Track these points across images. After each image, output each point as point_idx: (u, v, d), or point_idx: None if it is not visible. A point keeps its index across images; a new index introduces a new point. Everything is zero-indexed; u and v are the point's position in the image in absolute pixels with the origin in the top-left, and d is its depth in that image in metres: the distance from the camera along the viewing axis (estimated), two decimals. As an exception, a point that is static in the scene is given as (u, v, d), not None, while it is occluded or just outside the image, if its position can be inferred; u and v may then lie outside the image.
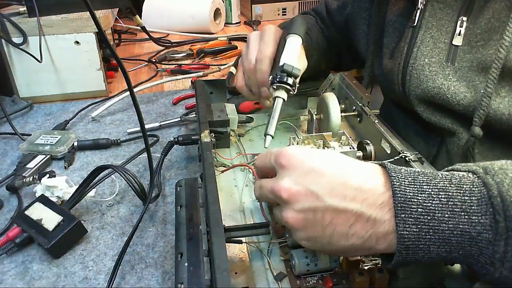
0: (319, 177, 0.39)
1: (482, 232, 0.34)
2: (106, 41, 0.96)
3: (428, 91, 0.63)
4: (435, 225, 0.35)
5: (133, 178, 0.55)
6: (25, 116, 0.87)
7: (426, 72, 0.63)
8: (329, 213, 0.38)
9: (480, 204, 0.34)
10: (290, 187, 0.39)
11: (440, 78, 0.62)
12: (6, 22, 0.83)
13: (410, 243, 0.35)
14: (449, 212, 0.35)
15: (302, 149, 0.42)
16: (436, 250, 0.35)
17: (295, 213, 0.39)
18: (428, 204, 0.35)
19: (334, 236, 0.38)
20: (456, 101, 0.60)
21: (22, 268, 0.50)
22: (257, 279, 0.46)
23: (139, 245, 0.53)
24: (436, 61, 0.62)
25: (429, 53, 0.63)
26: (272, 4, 1.52)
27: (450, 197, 0.35)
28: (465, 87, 0.59)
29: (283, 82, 0.57)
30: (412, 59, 0.64)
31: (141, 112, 0.50)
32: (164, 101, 0.92)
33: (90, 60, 0.90)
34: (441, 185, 0.36)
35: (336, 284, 0.44)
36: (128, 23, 1.32)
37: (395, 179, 0.37)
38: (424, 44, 0.64)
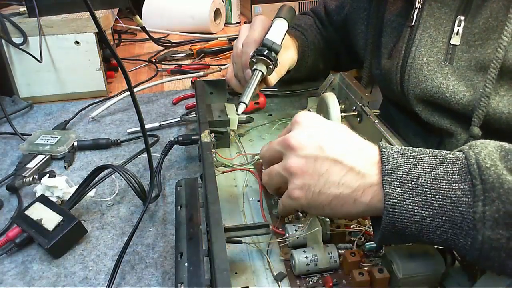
0: (324, 134, 0.45)
1: (462, 197, 0.36)
2: (106, 41, 0.96)
3: (427, 90, 0.62)
4: (418, 188, 0.38)
5: (133, 178, 0.55)
6: (25, 116, 0.87)
7: (424, 72, 0.63)
8: (327, 162, 0.42)
9: (460, 173, 0.37)
10: (299, 135, 0.45)
11: (439, 77, 0.61)
12: (6, 22, 0.83)
13: (396, 201, 0.38)
14: (432, 180, 0.38)
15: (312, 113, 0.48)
16: (420, 212, 0.37)
17: (298, 159, 0.43)
18: (413, 172, 0.39)
19: (327, 183, 0.42)
20: (455, 100, 0.60)
21: (22, 268, 0.50)
22: (257, 279, 0.46)
23: (139, 245, 0.53)
24: (435, 61, 0.62)
25: (427, 52, 0.63)
26: (272, 4, 1.52)
27: (433, 168, 0.38)
28: (464, 86, 0.59)
29: (262, 55, 0.59)
30: (410, 58, 0.64)
31: (141, 112, 0.50)
32: (164, 101, 0.92)
33: (90, 60, 0.90)
34: (426, 159, 0.39)
35: (336, 284, 0.44)
36: (128, 23, 1.31)
37: (385, 152, 0.41)
38: (422, 43, 0.63)
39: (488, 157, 0.36)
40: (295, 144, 0.44)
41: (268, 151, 0.49)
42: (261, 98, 0.83)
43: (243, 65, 0.63)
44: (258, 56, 0.59)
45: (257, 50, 0.60)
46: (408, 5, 0.67)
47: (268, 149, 0.49)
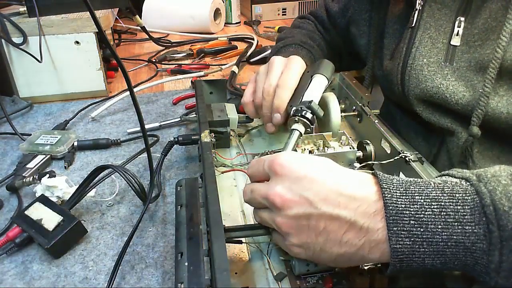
0: (312, 184, 0.39)
1: (476, 242, 0.33)
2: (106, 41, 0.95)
3: (427, 90, 0.63)
4: (429, 237, 0.34)
5: (133, 178, 0.55)
6: (25, 116, 0.87)
7: (424, 72, 0.63)
8: (322, 220, 0.38)
9: (473, 214, 0.34)
10: (284, 193, 0.39)
11: (438, 77, 0.62)
12: (6, 22, 0.83)
13: (404, 256, 0.35)
14: (442, 223, 0.34)
15: (295, 156, 0.43)
16: (431, 262, 0.35)
17: (288, 219, 0.39)
18: (421, 216, 0.35)
19: (328, 243, 0.38)
20: (455, 100, 0.60)
21: (22, 268, 0.50)
22: (257, 279, 0.46)
23: (139, 245, 0.53)
24: (435, 61, 0.63)
25: (427, 53, 0.63)
26: (272, 4, 1.52)
27: (443, 207, 0.35)
28: (464, 87, 0.59)
29: (305, 117, 0.59)
30: (411, 59, 0.64)
31: (141, 112, 0.50)
32: (164, 101, 0.92)
33: (90, 60, 0.90)
34: (433, 195, 0.35)
35: (336, 284, 0.44)
36: (128, 23, 1.32)
37: (387, 190, 0.36)
38: (422, 44, 0.64)
39: (505, 197, 0.33)
40: (280, 203, 0.39)
41: (253, 201, 0.44)
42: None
43: (274, 108, 0.63)
44: (300, 117, 0.59)
45: (300, 110, 0.59)
46: (408, 7, 0.68)
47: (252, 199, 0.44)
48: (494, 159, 0.61)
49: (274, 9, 1.53)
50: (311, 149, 0.61)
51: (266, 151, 0.67)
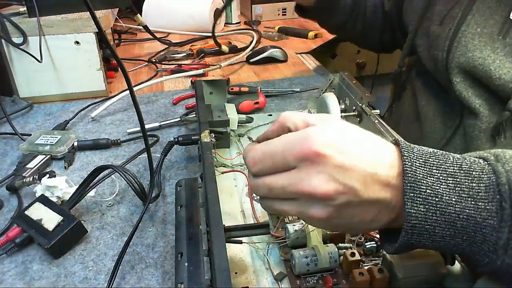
0: (353, 171, 0.35)
1: (487, 218, 0.33)
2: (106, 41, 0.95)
3: (472, 60, 0.61)
4: (442, 207, 0.34)
5: (133, 178, 0.55)
6: (25, 116, 0.87)
7: (475, 42, 0.62)
8: (362, 206, 0.36)
9: (488, 191, 0.34)
10: (327, 185, 0.34)
11: (488, 50, 0.60)
12: (6, 22, 0.83)
13: (417, 222, 0.34)
14: (456, 197, 0.34)
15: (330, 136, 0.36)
16: (441, 232, 0.35)
17: (327, 208, 0.35)
18: (437, 187, 0.35)
19: (361, 223, 0.37)
20: (498, 75, 0.59)
21: (22, 268, 0.50)
22: (257, 279, 0.46)
23: (139, 245, 0.53)
24: (488, 33, 0.61)
25: (482, 22, 0.62)
26: (272, 4, 1.52)
27: (458, 182, 0.35)
28: (511, 63, 0.58)
29: None
30: (464, 26, 0.63)
31: (141, 112, 0.50)
32: (164, 101, 0.92)
33: (90, 60, 0.90)
34: (450, 171, 0.35)
35: (336, 284, 0.44)
36: (128, 23, 1.31)
37: (407, 159, 0.35)
38: (480, 13, 0.62)
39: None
40: (321, 195, 0.35)
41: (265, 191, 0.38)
42: (261, 98, 0.83)
43: None
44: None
45: None
46: None
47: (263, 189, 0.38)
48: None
49: (274, 9, 1.53)
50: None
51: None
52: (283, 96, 0.91)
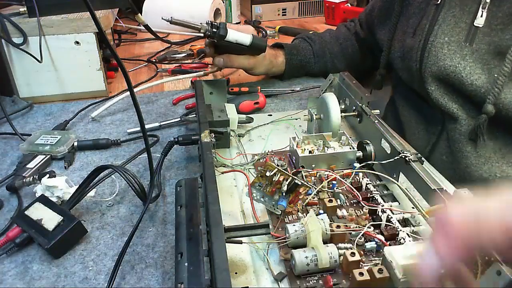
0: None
1: None
2: (106, 41, 0.96)
3: (444, 69, 0.63)
4: None
5: (133, 178, 0.55)
6: (25, 116, 0.87)
7: (444, 50, 0.64)
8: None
9: None
10: None
11: (457, 57, 0.62)
12: (6, 22, 0.83)
13: None
14: None
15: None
16: None
17: None
18: None
19: None
20: (470, 81, 0.61)
21: (22, 268, 0.50)
22: (257, 279, 0.46)
23: (139, 245, 0.53)
24: (456, 40, 0.63)
25: (449, 31, 0.64)
26: (272, 4, 1.52)
27: None
28: (481, 69, 0.60)
29: None
30: (432, 36, 0.65)
31: (141, 112, 0.50)
32: (164, 101, 0.92)
33: (90, 60, 0.90)
34: None
35: (336, 284, 0.44)
36: (128, 23, 1.31)
37: None
38: (446, 22, 0.64)
39: None
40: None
41: None
42: (261, 98, 0.83)
43: None
44: None
45: None
46: None
47: None
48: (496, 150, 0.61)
49: (274, 9, 1.53)
50: (311, 149, 0.61)
51: (266, 151, 0.67)
52: (283, 96, 0.91)
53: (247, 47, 0.82)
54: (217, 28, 0.78)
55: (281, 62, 0.95)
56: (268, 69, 0.93)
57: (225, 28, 0.78)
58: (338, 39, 0.99)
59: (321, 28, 1.38)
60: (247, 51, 0.83)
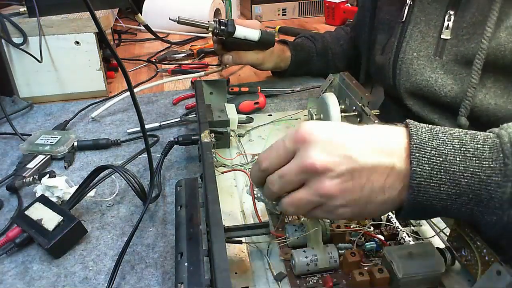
0: (345, 142, 0.39)
1: (491, 176, 0.35)
2: (106, 41, 0.96)
3: (416, 84, 0.65)
4: (446, 166, 0.36)
5: (133, 178, 0.55)
6: (25, 116, 0.87)
7: (414, 66, 0.65)
8: (365, 171, 0.38)
9: (492, 151, 0.36)
10: (322, 157, 0.38)
11: (427, 71, 0.64)
12: (6, 22, 0.83)
13: (422, 180, 0.36)
14: (461, 156, 0.36)
15: (317, 122, 0.41)
16: (446, 190, 0.36)
17: (332, 181, 0.38)
18: (442, 148, 0.37)
19: (373, 192, 0.38)
20: (444, 93, 0.62)
21: (22, 268, 0.50)
22: (257, 279, 0.46)
23: (139, 245, 0.53)
24: (425, 55, 0.65)
25: (417, 47, 0.65)
26: (272, 4, 1.52)
27: (463, 144, 0.37)
28: (452, 80, 0.61)
29: None
30: (401, 53, 0.67)
31: (141, 112, 0.50)
32: (164, 101, 0.92)
33: (90, 60, 0.90)
34: (456, 135, 0.38)
35: (336, 284, 0.44)
36: (128, 23, 1.31)
37: (413, 126, 0.39)
38: (413, 38, 0.66)
39: None
40: (322, 166, 0.37)
41: (283, 180, 0.41)
42: (261, 98, 0.83)
43: None
44: None
45: None
46: (400, 2, 0.70)
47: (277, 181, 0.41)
48: None
49: (274, 9, 1.53)
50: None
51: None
52: (283, 96, 0.91)
53: (255, 43, 0.81)
54: (225, 25, 0.77)
55: (288, 57, 0.94)
56: (276, 63, 0.92)
57: (233, 25, 0.77)
58: (339, 40, 0.99)
59: (321, 28, 1.38)
60: (255, 46, 0.82)
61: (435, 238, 0.49)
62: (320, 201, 0.39)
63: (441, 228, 0.48)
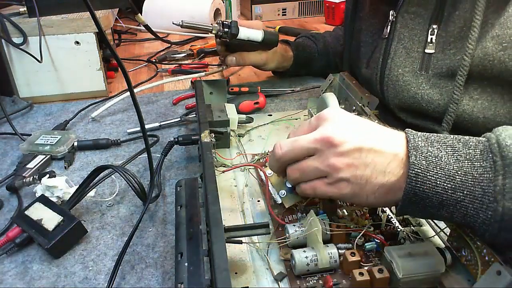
0: (359, 126, 0.44)
1: (483, 173, 0.38)
2: (106, 41, 0.96)
3: (404, 100, 0.65)
4: (441, 165, 0.39)
5: (133, 178, 0.55)
6: (25, 116, 0.87)
7: (400, 83, 0.65)
8: (371, 152, 0.42)
9: (482, 154, 0.39)
10: (339, 131, 0.43)
11: (413, 87, 0.64)
12: (6, 22, 0.83)
13: (420, 171, 0.39)
14: (454, 159, 0.39)
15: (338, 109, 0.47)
16: (442, 184, 0.39)
17: (342, 154, 0.42)
18: (437, 152, 0.40)
19: (374, 173, 0.42)
20: (431, 108, 0.62)
21: (22, 268, 0.50)
22: (257, 279, 0.46)
23: (139, 245, 0.53)
24: (410, 71, 0.65)
25: (402, 63, 0.65)
26: (272, 4, 1.52)
27: (456, 150, 0.40)
28: (439, 94, 0.61)
29: None
30: (387, 70, 0.67)
31: (141, 112, 0.50)
32: (164, 101, 0.92)
33: (90, 60, 0.90)
34: (449, 143, 0.41)
35: (336, 284, 0.44)
36: (128, 23, 1.32)
37: (410, 135, 0.42)
38: (397, 55, 0.66)
39: (508, 137, 0.38)
40: (338, 139, 0.42)
41: (296, 149, 0.46)
42: (261, 98, 0.83)
43: None
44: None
45: None
46: (383, 18, 0.70)
47: (295, 148, 0.46)
48: None
49: (274, 9, 1.53)
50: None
51: (266, 151, 0.67)
52: (283, 96, 0.91)
53: (259, 43, 0.81)
54: (228, 27, 0.77)
55: (290, 56, 0.94)
56: (280, 63, 0.92)
57: (237, 26, 0.77)
58: (339, 40, 0.99)
59: (321, 28, 1.38)
60: (259, 47, 0.82)
61: (435, 238, 0.49)
62: (325, 171, 0.44)
63: (441, 228, 0.48)
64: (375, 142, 0.42)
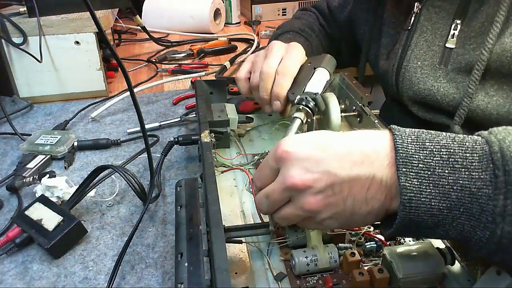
0: (322, 156, 0.39)
1: (482, 188, 0.34)
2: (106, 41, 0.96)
3: (419, 92, 0.64)
4: (435, 179, 0.35)
5: (133, 178, 0.55)
6: (25, 116, 0.87)
7: (418, 75, 0.64)
8: (345, 184, 0.38)
9: (481, 161, 0.34)
10: (301, 174, 0.39)
11: (430, 80, 0.63)
12: (6, 22, 0.83)
13: (413, 195, 0.35)
14: (450, 168, 0.35)
15: (294, 138, 0.42)
16: (437, 205, 0.35)
17: (314, 197, 0.39)
18: (429, 160, 0.36)
19: (355, 204, 0.38)
20: (446, 102, 0.62)
21: (22, 268, 0.50)
22: (257, 279, 0.46)
23: (139, 245, 0.53)
24: (429, 64, 0.64)
25: (422, 56, 0.65)
26: (272, 4, 1.52)
27: (452, 153, 0.35)
28: (455, 88, 0.61)
29: (309, 107, 0.58)
30: (405, 61, 0.66)
31: (141, 112, 0.50)
32: (164, 101, 0.92)
33: (90, 60, 0.90)
34: (443, 142, 0.36)
35: (336, 284, 0.44)
36: (128, 23, 1.32)
37: (398, 137, 0.37)
38: (418, 47, 0.65)
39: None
40: (303, 184, 0.38)
41: (273, 203, 0.42)
42: (261, 98, 0.83)
43: (274, 94, 0.61)
44: (304, 106, 0.58)
45: (305, 100, 0.58)
46: (406, 9, 0.69)
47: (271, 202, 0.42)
48: None
49: (274, 9, 1.53)
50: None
51: (266, 151, 0.67)
52: (283, 96, 0.91)
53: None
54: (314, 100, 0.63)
55: None
56: None
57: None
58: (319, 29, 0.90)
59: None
60: None
61: (435, 238, 0.49)
62: (307, 215, 0.40)
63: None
64: (345, 171, 0.38)
